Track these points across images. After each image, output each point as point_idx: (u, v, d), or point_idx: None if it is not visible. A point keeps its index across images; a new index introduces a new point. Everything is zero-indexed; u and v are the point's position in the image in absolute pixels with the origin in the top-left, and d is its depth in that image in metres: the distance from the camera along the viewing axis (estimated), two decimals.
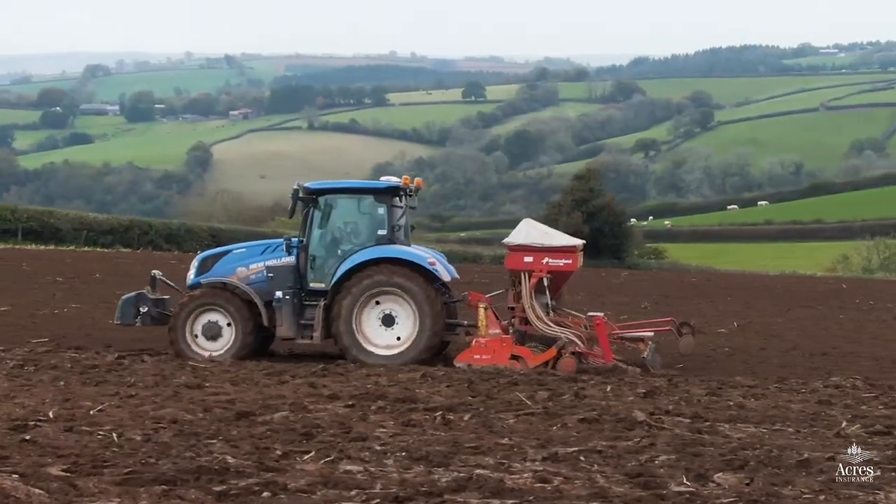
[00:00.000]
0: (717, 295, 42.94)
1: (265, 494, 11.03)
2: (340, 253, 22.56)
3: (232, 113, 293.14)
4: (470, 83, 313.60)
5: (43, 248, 56.47)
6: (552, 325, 21.77)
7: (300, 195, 22.69)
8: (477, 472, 12.01)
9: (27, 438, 13.41)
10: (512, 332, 22.05)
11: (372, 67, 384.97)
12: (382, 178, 23.75)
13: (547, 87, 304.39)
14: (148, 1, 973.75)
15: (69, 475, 11.73)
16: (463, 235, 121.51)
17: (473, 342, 21.70)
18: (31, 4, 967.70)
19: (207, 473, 11.78)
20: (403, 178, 23.16)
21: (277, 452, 12.89)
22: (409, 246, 23.00)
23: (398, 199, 23.08)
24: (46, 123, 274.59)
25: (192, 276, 23.35)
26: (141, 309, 22.85)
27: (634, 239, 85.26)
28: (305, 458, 12.72)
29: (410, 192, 23.36)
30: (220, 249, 24.26)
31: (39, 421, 14.50)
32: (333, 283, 22.15)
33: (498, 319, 22.14)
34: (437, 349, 22.44)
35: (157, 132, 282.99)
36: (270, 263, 22.73)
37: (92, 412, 15.24)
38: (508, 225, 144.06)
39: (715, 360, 23.13)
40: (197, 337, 22.31)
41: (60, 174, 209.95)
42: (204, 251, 25.42)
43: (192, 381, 18.31)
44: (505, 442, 13.59)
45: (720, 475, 11.96)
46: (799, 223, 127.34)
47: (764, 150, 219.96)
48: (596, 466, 12.41)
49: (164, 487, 11.18)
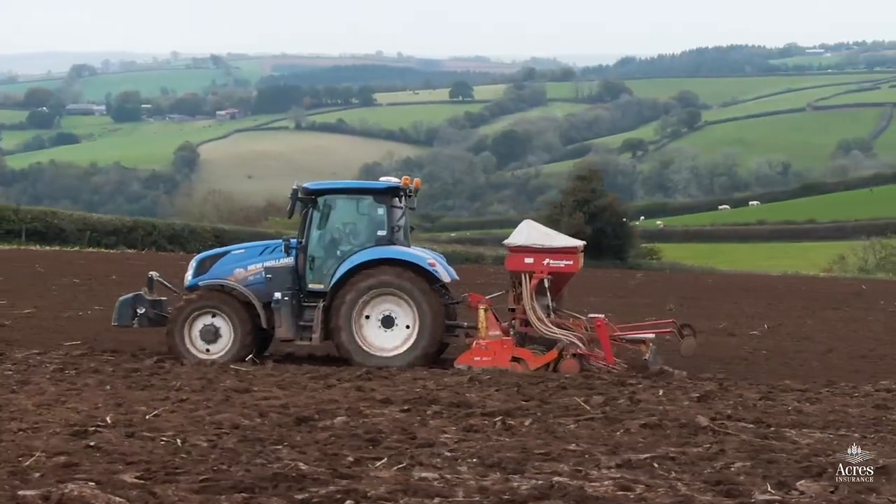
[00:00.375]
0: (738, 296, 42.79)
1: (348, 503, 10.87)
2: (339, 254, 22.28)
3: (219, 113, 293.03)
4: (457, 83, 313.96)
5: (50, 248, 56.23)
6: (553, 326, 21.58)
7: (299, 196, 22.38)
8: (555, 479, 11.82)
9: (91, 445, 13.20)
10: (513, 333, 21.85)
11: (358, 67, 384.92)
12: (382, 178, 23.41)
13: (534, 87, 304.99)
14: (134, 1, 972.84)
15: (144, 482, 11.54)
16: (453, 235, 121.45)
17: (474, 344, 21.52)
18: (16, 4, 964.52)
19: (285, 481, 11.58)
20: (403, 178, 22.86)
21: (349, 459, 12.67)
22: (408, 247, 22.77)
23: (398, 199, 22.82)
24: (33, 123, 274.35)
25: (189, 277, 23.06)
26: (138, 310, 22.55)
27: (636, 239, 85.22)
28: (377, 464, 12.51)
29: (410, 192, 23.07)
30: (217, 251, 23.95)
31: (98, 426, 14.31)
32: (333, 284, 21.91)
33: (498, 321, 21.94)
34: (437, 351, 22.21)
35: (143, 132, 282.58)
36: (269, 264, 22.42)
37: (147, 417, 15.07)
38: (498, 225, 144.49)
39: (755, 362, 22.99)
40: (195, 339, 22.01)
41: (47, 174, 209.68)
42: (202, 252, 25.13)
43: (238, 385, 18.08)
44: (573, 448, 13.41)
45: (801, 483, 11.79)
46: (792, 223, 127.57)
47: (751, 150, 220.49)
48: (673, 474, 12.21)
49: (243, 495, 10.97)
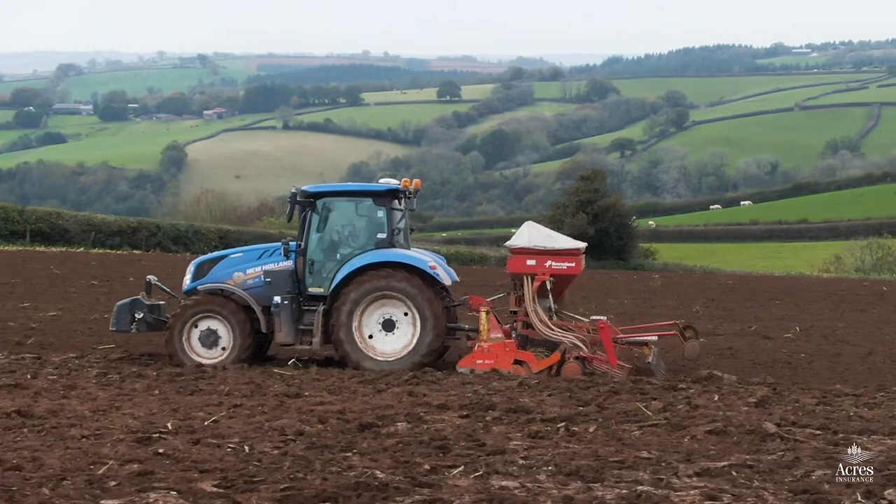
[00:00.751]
0: (763, 298, 42.63)
1: None
2: (339, 257, 21.91)
3: (206, 112, 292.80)
4: (445, 82, 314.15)
5: (59, 249, 55.96)
6: (556, 329, 21.41)
7: (298, 199, 22.06)
8: (639, 488, 11.73)
9: (160, 452, 13.08)
10: (515, 336, 21.66)
11: (345, 67, 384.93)
12: (381, 180, 23.09)
13: (522, 86, 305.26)
14: (120, 0, 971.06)
15: (224, 491, 11.45)
16: (445, 235, 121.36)
17: (476, 347, 21.33)
18: (2, 4, 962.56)
19: (367, 490, 11.43)
20: (403, 180, 22.57)
21: (425, 467, 12.55)
22: (408, 249, 22.52)
23: (397, 201, 22.53)
24: (20, 123, 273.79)
25: (188, 281, 22.77)
26: (136, 315, 22.27)
27: (639, 240, 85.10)
28: (454, 472, 12.36)
29: (409, 194, 22.80)
30: (216, 254, 23.63)
31: (161, 433, 14.18)
32: (333, 287, 21.57)
33: (499, 323, 21.74)
34: (438, 354, 21.99)
35: (130, 132, 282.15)
36: (268, 268, 22.11)
37: (206, 423, 14.94)
38: (489, 225, 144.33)
39: (798, 366, 22.79)
40: (194, 344, 21.73)
41: (35, 174, 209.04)
42: (200, 256, 24.88)
43: (288, 390, 17.88)
44: (646, 456, 13.24)
45: (889, 492, 11.68)
46: (785, 223, 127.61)
47: (739, 149, 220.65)
48: (755, 482, 12.05)
49: None
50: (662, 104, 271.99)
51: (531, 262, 21.61)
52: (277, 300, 21.62)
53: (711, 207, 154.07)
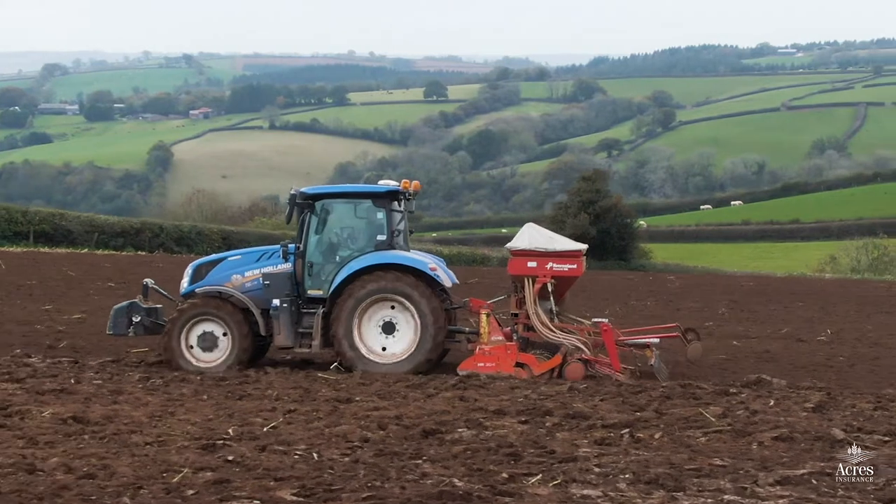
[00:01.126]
0: (785, 300, 42.46)
1: None
2: (339, 259, 21.77)
3: (192, 112, 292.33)
4: (431, 82, 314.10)
5: (64, 251, 55.66)
6: (557, 331, 21.26)
7: (297, 200, 21.79)
8: (725, 497, 11.57)
9: (229, 459, 12.92)
10: (516, 338, 21.50)
11: (331, 67, 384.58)
12: (380, 181, 22.79)
13: (508, 86, 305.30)
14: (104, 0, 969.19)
15: (305, 500, 11.33)
16: (435, 235, 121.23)
17: (477, 349, 21.15)
18: None
19: (450, 499, 11.26)
20: (403, 181, 22.37)
21: (503, 475, 12.38)
22: (408, 251, 22.31)
23: (397, 203, 22.33)
24: (5, 123, 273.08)
25: (185, 284, 22.48)
26: (133, 318, 21.95)
27: (640, 240, 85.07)
28: (531, 481, 12.19)
29: (409, 195, 22.62)
30: (214, 257, 23.33)
31: (224, 440, 14.02)
32: (332, 290, 21.35)
33: (500, 326, 21.57)
34: (438, 357, 21.79)
35: (116, 131, 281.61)
36: (267, 270, 21.87)
37: (266, 429, 14.77)
38: (479, 225, 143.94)
39: (839, 370, 22.62)
40: (192, 348, 21.44)
41: (20, 173, 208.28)
42: (199, 258, 24.57)
43: (338, 395, 17.68)
44: (719, 463, 13.04)
45: None
46: (777, 223, 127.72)
47: (725, 149, 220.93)
48: (840, 491, 11.92)
49: None
50: (649, 104, 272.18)
51: (532, 263, 21.47)
52: (276, 303, 21.39)
53: (702, 207, 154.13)
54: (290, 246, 21.93)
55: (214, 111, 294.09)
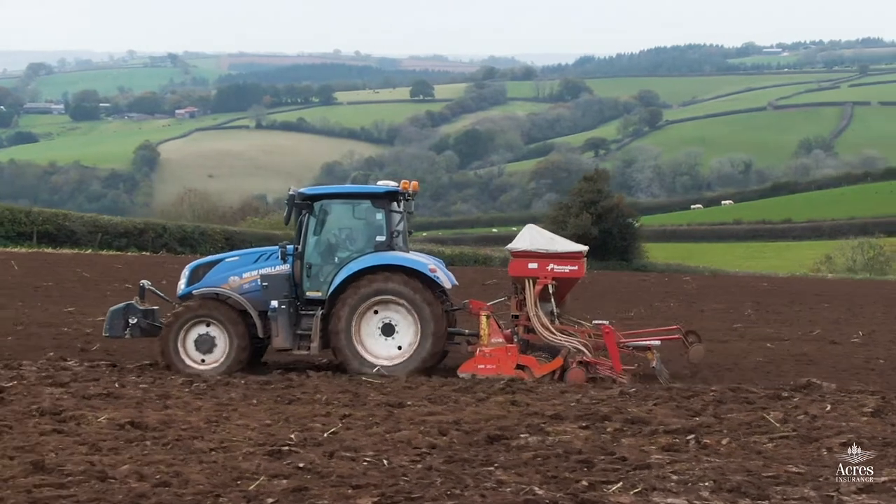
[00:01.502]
0: (810, 301, 42.26)
1: None
2: (337, 260, 21.54)
3: (178, 111, 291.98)
4: (417, 82, 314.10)
5: (71, 251, 55.38)
6: (558, 333, 21.09)
7: (295, 201, 21.53)
8: None
9: (301, 466, 12.72)
10: (517, 340, 21.33)
11: (317, 66, 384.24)
12: (379, 182, 22.59)
13: (494, 86, 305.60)
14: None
15: None
16: (425, 235, 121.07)
17: (477, 352, 20.96)
18: None
19: None
20: (402, 182, 22.15)
21: (583, 483, 12.22)
22: (407, 252, 22.12)
23: (396, 203, 22.12)
24: None
25: (182, 286, 22.27)
26: (130, 320, 21.80)
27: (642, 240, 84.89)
28: (612, 489, 12.03)
29: (408, 196, 22.41)
30: (211, 258, 23.09)
31: (288, 445, 13.80)
32: (331, 292, 21.14)
33: (500, 328, 21.40)
34: (438, 359, 21.56)
35: (102, 131, 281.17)
36: (265, 272, 21.62)
37: (326, 434, 14.57)
38: (469, 224, 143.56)
39: (881, 372, 22.28)
40: (190, 349, 21.24)
41: (6, 173, 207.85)
42: (196, 260, 24.29)
43: (388, 399, 17.47)
44: (795, 470, 12.86)
45: None
46: (768, 223, 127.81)
47: (712, 149, 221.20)
48: None
49: None
50: (635, 104, 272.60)
51: (533, 265, 21.30)
52: (274, 305, 21.14)
53: (692, 207, 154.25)
54: (288, 247, 21.71)
55: (200, 110, 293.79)
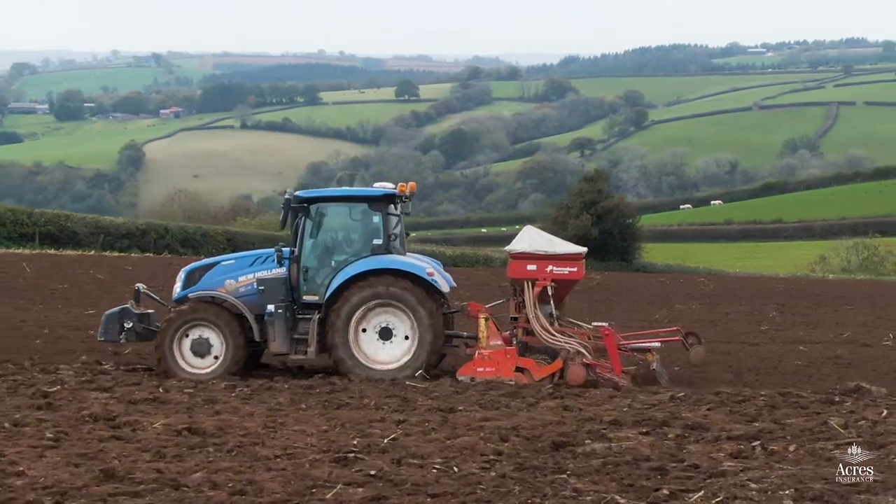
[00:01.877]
0: (833, 303, 42.11)
1: None
2: (334, 264, 21.36)
3: (163, 111, 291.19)
4: (402, 82, 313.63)
5: (75, 253, 55.07)
6: (557, 335, 20.97)
7: (292, 204, 21.41)
8: None
9: (372, 474, 12.54)
10: (515, 343, 21.21)
11: (301, 66, 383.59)
12: (376, 184, 22.39)
13: (480, 86, 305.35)
14: None
15: None
16: (414, 235, 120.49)
17: (476, 354, 20.84)
18: None
19: None
20: (399, 185, 21.92)
21: (663, 492, 12.02)
22: (404, 255, 21.95)
23: (393, 206, 21.94)
24: None
25: (178, 289, 21.97)
26: (125, 325, 21.56)
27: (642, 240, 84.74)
28: (694, 497, 11.83)
29: (405, 198, 22.26)
30: (207, 261, 22.87)
31: (353, 452, 13.62)
32: (328, 295, 20.95)
33: (499, 330, 21.31)
34: (436, 362, 21.40)
35: (87, 131, 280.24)
36: (261, 275, 21.40)
37: (386, 440, 14.38)
38: (458, 225, 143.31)
39: None
40: (185, 354, 21.00)
41: None
42: (192, 263, 23.94)
43: (439, 404, 17.29)
44: (875, 478, 12.73)
45: None
46: (759, 223, 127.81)
47: (698, 149, 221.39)
48: None
49: None
50: (621, 104, 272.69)
51: (532, 266, 21.22)
52: (271, 308, 20.93)
53: (681, 207, 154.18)
54: (284, 250, 21.43)
55: (185, 110, 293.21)
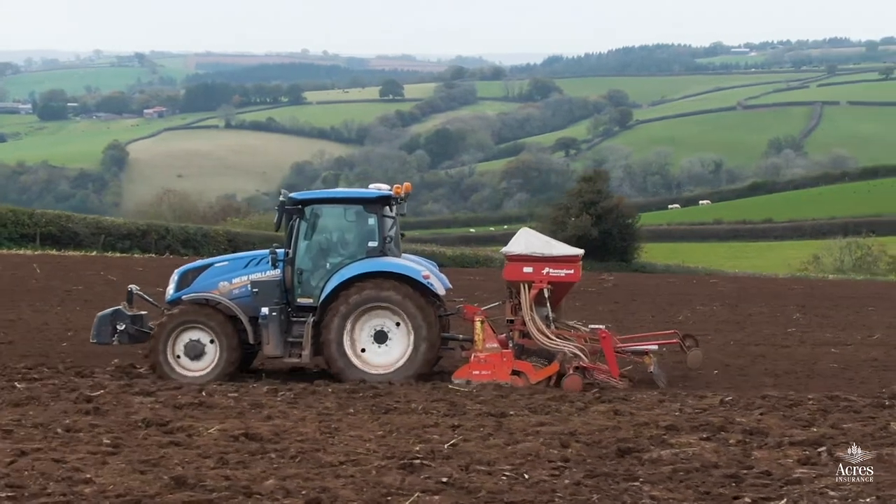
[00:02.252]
0: (854, 304, 41.73)
1: None
2: (329, 266, 21.16)
3: (146, 111, 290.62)
4: (387, 81, 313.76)
5: (75, 253, 54.92)
6: (554, 338, 20.82)
7: (286, 206, 21.25)
8: None
9: (444, 481, 12.36)
10: (512, 346, 21.04)
11: (285, 66, 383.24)
12: (371, 186, 22.17)
13: (464, 85, 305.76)
14: None
15: None
16: (403, 235, 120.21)
17: (472, 357, 20.70)
18: None
19: None
20: (394, 187, 21.76)
21: (746, 500, 11.87)
22: (399, 257, 21.82)
23: (388, 208, 21.81)
24: None
25: (171, 291, 21.81)
26: (118, 326, 21.41)
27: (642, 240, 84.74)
28: None
29: (401, 199, 22.11)
30: (200, 263, 22.65)
31: (418, 458, 13.44)
32: (322, 298, 20.80)
33: (495, 333, 21.16)
34: (432, 365, 21.20)
35: (70, 131, 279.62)
36: (255, 277, 21.25)
37: (446, 446, 14.19)
38: (444, 225, 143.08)
39: None
40: (179, 357, 20.82)
41: None
42: (185, 265, 23.67)
43: (489, 409, 17.08)
44: None
45: None
46: (749, 223, 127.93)
47: (682, 148, 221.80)
48: None
49: None
50: (605, 103, 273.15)
51: (528, 269, 21.02)
52: (265, 311, 20.77)
53: (670, 207, 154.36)
54: (278, 252, 21.31)
55: (169, 110, 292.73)
